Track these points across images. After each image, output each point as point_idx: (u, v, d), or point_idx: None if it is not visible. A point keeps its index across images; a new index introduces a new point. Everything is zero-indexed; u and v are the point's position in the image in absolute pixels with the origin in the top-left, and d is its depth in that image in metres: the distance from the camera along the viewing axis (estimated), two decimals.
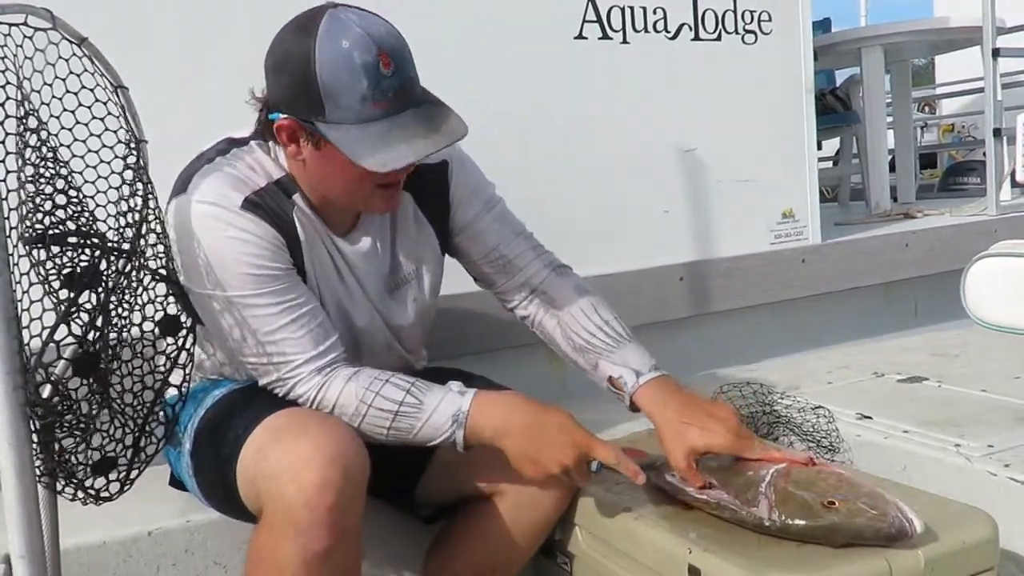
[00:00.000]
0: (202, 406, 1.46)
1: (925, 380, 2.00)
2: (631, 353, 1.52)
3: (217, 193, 1.34)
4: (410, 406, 1.36)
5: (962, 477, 1.49)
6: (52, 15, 1.12)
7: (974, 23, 3.69)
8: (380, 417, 1.36)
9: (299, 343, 1.37)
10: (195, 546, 1.53)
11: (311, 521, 1.21)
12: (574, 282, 1.62)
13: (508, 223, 1.62)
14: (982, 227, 3.37)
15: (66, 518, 1.22)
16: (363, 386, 1.37)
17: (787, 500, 1.26)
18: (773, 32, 2.80)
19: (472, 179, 1.60)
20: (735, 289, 2.70)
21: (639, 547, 1.37)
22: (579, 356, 1.57)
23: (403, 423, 1.36)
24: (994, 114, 3.52)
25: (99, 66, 1.18)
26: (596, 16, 2.47)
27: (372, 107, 1.26)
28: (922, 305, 3.20)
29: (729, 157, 2.74)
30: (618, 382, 1.49)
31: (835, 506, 1.22)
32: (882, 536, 1.18)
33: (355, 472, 1.27)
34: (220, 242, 1.33)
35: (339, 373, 1.38)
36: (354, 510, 1.28)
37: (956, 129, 7.92)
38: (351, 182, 1.35)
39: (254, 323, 1.35)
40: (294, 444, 1.26)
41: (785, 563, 1.18)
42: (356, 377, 1.38)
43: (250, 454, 1.31)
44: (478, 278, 1.66)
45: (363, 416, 1.36)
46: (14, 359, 1.04)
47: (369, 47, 1.24)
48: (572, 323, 1.57)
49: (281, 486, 1.23)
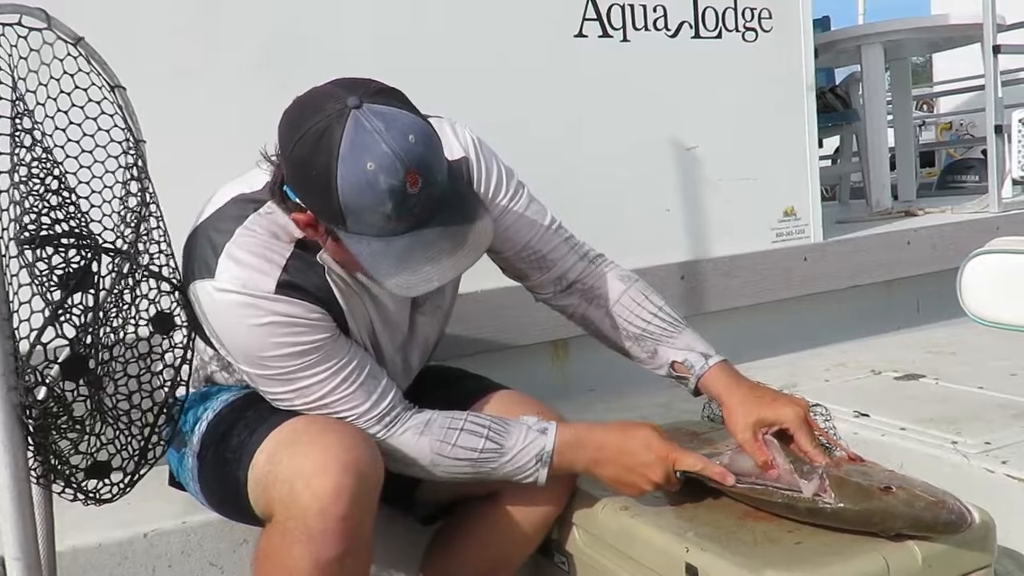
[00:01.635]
0: (210, 408, 1.44)
1: (922, 377, 2.00)
2: (692, 338, 1.53)
3: (246, 282, 1.28)
4: (490, 452, 1.38)
5: (959, 474, 1.49)
6: (47, 15, 1.12)
7: (974, 20, 3.68)
8: (459, 466, 1.39)
9: (351, 399, 1.35)
10: (191, 547, 1.53)
11: (324, 529, 1.21)
12: (615, 272, 1.59)
13: (536, 214, 1.56)
14: (984, 224, 3.36)
15: (62, 520, 1.22)
16: (437, 439, 1.38)
17: (843, 485, 1.24)
18: (774, 29, 2.79)
19: (494, 173, 1.52)
20: (736, 288, 2.70)
21: (637, 546, 1.37)
22: (633, 344, 1.55)
23: (483, 468, 1.39)
24: (995, 111, 3.52)
25: (95, 66, 1.18)
26: (596, 14, 2.47)
27: (396, 223, 1.19)
28: (924, 303, 3.20)
29: (730, 155, 2.74)
30: (683, 366, 1.50)
31: (893, 491, 1.21)
32: (941, 522, 1.17)
33: (369, 481, 1.27)
34: (255, 329, 1.29)
35: (405, 423, 1.38)
36: (367, 518, 1.27)
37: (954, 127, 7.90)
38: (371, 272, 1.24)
39: (304, 392, 1.34)
40: (309, 450, 1.26)
41: (782, 560, 1.18)
42: (428, 430, 1.38)
43: (263, 459, 1.31)
44: (511, 273, 1.61)
45: (440, 467, 1.39)
46: (8, 361, 1.04)
47: (395, 170, 1.15)
48: (624, 312, 1.55)
49: (295, 492, 1.23)
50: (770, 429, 1.39)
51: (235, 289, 1.27)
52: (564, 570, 1.56)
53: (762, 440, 1.37)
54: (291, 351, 1.31)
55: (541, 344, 2.34)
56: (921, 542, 1.19)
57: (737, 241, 2.76)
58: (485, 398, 1.55)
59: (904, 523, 1.19)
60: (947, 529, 1.17)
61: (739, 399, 1.43)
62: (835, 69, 5.01)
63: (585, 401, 2.18)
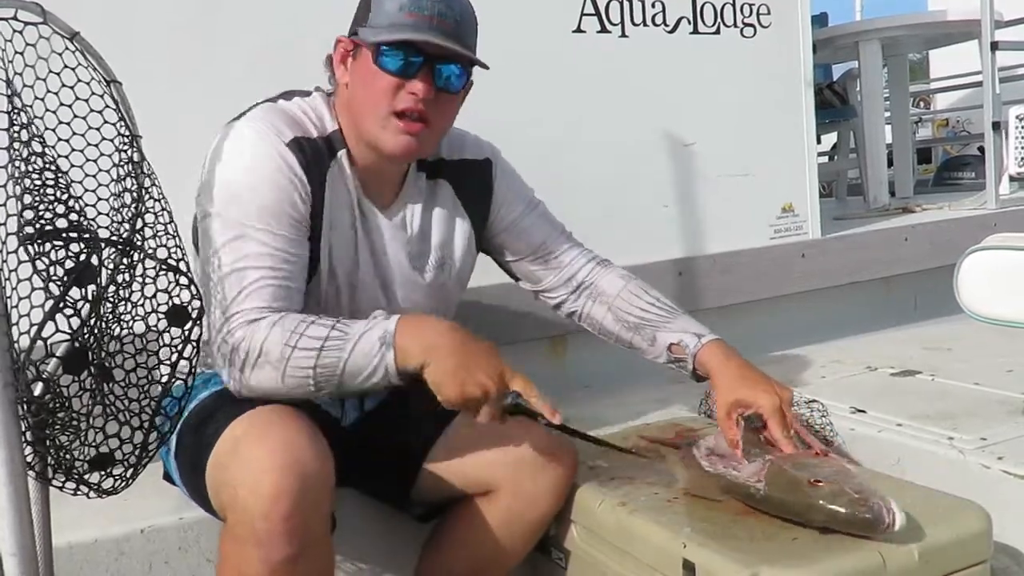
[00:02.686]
0: (189, 406, 1.44)
1: (918, 374, 2.00)
2: (688, 321, 1.60)
3: (271, 121, 1.40)
4: (335, 339, 1.31)
5: (955, 470, 1.49)
6: (43, 9, 1.12)
7: (972, 16, 3.69)
8: (305, 357, 1.30)
9: (258, 293, 1.34)
10: (188, 543, 1.53)
11: (269, 531, 1.20)
12: (618, 271, 1.69)
13: (551, 221, 1.70)
14: (982, 221, 3.36)
15: (59, 516, 1.22)
16: (288, 329, 1.31)
17: (778, 474, 1.28)
18: (772, 25, 2.79)
19: (515, 181, 1.68)
20: (734, 284, 2.70)
21: (634, 542, 1.37)
22: (634, 334, 1.62)
23: (329, 357, 1.31)
24: (993, 108, 3.52)
25: (91, 60, 1.18)
26: (595, 9, 2.47)
27: (406, 16, 1.35)
28: (922, 299, 3.20)
29: (728, 151, 2.74)
30: (679, 346, 1.56)
31: (820, 485, 1.22)
32: (857, 521, 1.17)
33: (313, 479, 1.24)
34: (256, 162, 1.37)
35: (267, 317, 1.33)
36: (315, 517, 1.25)
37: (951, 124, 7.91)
38: (373, 93, 1.39)
39: (236, 247, 1.34)
40: (250, 453, 1.25)
41: (779, 556, 1.18)
42: (283, 320, 1.33)
43: (213, 463, 1.31)
44: (522, 276, 1.70)
45: (287, 360, 1.30)
46: (4, 356, 1.04)
47: None
48: (623, 305, 1.63)
49: (240, 497, 1.22)
50: (746, 411, 1.45)
51: (257, 121, 1.40)
52: (561, 567, 1.56)
53: (735, 421, 1.43)
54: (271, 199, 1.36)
55: (538, 340, 2.34)
56: (919, 537, 1.19)
57: (735, 237, 2.76)
58: None
59: (823, 517, 1.20)
60: (863, 528, 1.17)
61: (727, 378, 1.50)
62: (832, 65, 5.01)
63: (582, 396, 2.19)
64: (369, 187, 1.50)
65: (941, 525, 1.23)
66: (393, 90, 1.38)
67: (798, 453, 1.35)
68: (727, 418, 1.45)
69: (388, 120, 1.40)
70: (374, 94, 1.39)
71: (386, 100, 1.38)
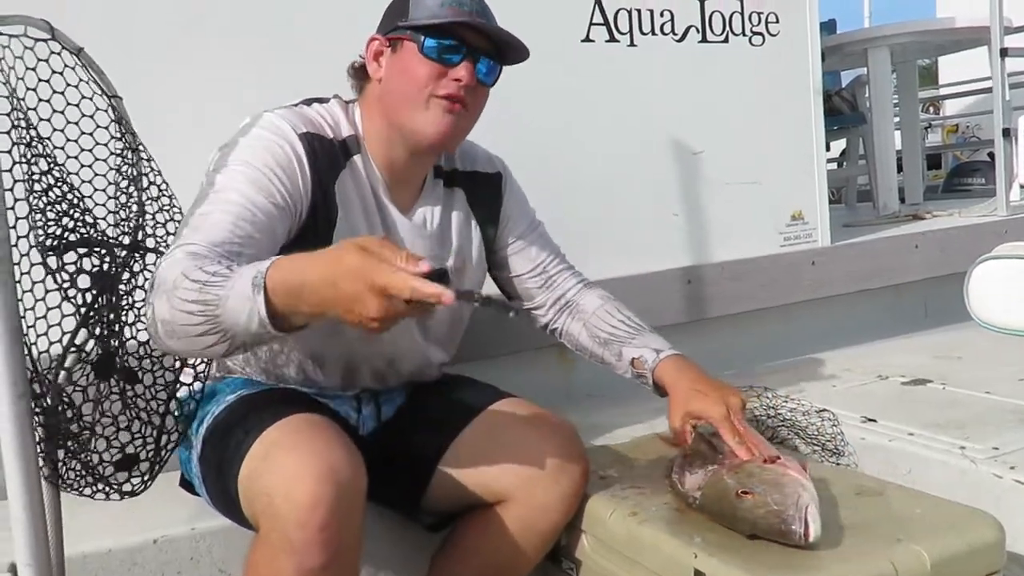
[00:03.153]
0: (213, 410, 1.46)
1: (929, 382, 1.99)
2: (651, 338, 1.66)
3: (287, 114, 1.43)
4: (221, 276, 1.16)
5: (967, 480, 1.48)
6: (51, 26, 1.13)
7: (981, 23, 3.68)
8: (190, 289, 1.15)
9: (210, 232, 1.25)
10: (200, 554, 1.53)
11: (304, 540, 1.21)
12: (598, 291, 1.75)
13: (551, 244, 1.77)
14: (992, 228, 3.35)
15: (72, 526, 1.23)
16: (192, 262, 1.19)
17: (715, 484, 1.32)
18: (781, 34, 2.79)
19: (522, 199, 1.75)
20: (744, 292, 2.70)
21: (645, 552, 1.37)
22: (604, 350, 1.67)
23: (209, 293, 1.14)
24: (1003, 114, 3.51)
25: (94, 75, 1.19)
26: (603, 19, 2.47)
27: (447, 11, 1.41)
28: (932, 307, 3.19)
29: (737, 159, 2.74)
30: (639, 361, 1.61)
31: (747, 496, 1.25)
32: (774, 531, 1.21)
33: (348, 488, 1.25)
34: (263, 139, 1.38)
35: (187, 248, 1.23)
36: (349, 526, 1.26)
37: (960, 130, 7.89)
38: (414, 79, 1.43)
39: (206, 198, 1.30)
40: (285, 461, 1.25)
41: (789, 566, 1.18)
42: (197, 255, 1.21)
43: (246, 471, 1.31)
44: (518, 295, 1.75)
45: (177, 287, 1.16)
46: (19, 368, 1.05)
47: None
48: (597, 322, 1.70)
49: (274, 505, 1.22)
50: (698, 422, 1.50)
51: (273, 112, 1.43)
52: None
53: (688, 431, 1.50)
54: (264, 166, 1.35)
55: (547, 348, 2.34)
56: (931, 547, 1.19)
57: (744, 245, 2.75)
58: (502, 404, 1.58)
59: (747, 527, 1.24)
60: (782, 537, 1.21)
61: (680, 391, 1.55)
62: (841, 72, 5.01)
63: (589, 405, 2.19)
64: (390, 188, 1.52)
65: (953, 535, 1.22)
66: (437, 76, 1.42)
67: (747, 461, 1.36)
68: (680, 428, 1.52)
69: (430, 101, 1.43)
70: (416, 80, 1.43)
71: (430, 85, 1.43)
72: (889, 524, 1.27)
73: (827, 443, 1.69)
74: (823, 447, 1.69)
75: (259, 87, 1.93)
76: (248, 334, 1.15)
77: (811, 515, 1.19)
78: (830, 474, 1.49)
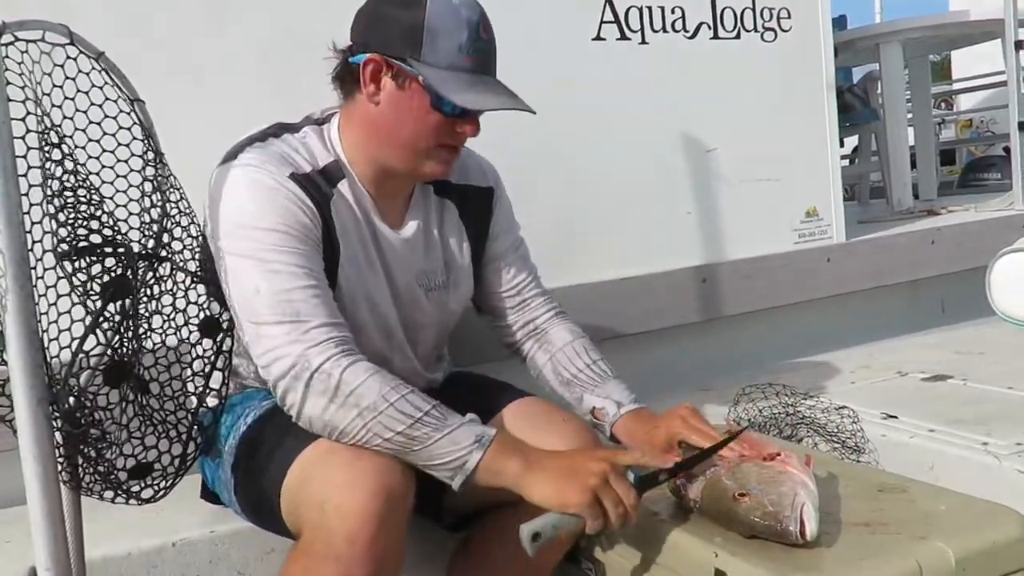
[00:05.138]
0: (244, 419, 1.45)
1: (949, 378, 1.98)
2: (614, 388, 1.62)
3: (264, 162, 1.37)
4: (433, 418, 1.29)
5: (990, 476, 1.47)
6: (69, 30, 1.13)
7: (994, 16, 3.65)
8: (397, 420, 1.27)
9: (314, 308, 1.32)
10: (219, 557, 1.53)
11: (352, 554, 1.20)
12: (569, 326, 1.71)
13: (530, 265, 1.73)
14: (1009, 222, 3.33)
15: (91, 530, 1.23)
16: (389, 385, 1.30)
17: (714, 486, 1.31)
18: (793, 29, 2.78)
19: (510, 214, 1.72)
20: (759, 290, 2.69)
21: (664, 552, 1.36)
22: (565, 389, 1.66)
23: (420, 431, 1.28)
24: (1018, 107, 3.49)
25: (115, 80, 1.19)
26: (614, 17, 2.47)
27: (464, 59, 1.36)
28: (949, 302, 3.17)
29: (751, 156, 2.73)
30: (600, 412, 1.60)
31: (744, 498, 1.25)
32: (770, 532, 1.21)
33: (398, 505, 1.25)
34: (258, 197, 1.34)
35: (364, 362, 1.32)
36: (396, 541, 1.26)
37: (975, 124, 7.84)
38: (421, 129, 1.40)
39: (272, 279, 1.31)
40: (339, 473, 1.25)
41: (812, 566, 1.17)
42: (382, 373, 1.31)
43: (294, 478, 1.30)
44: (488, 311, 1.73)
45: (379, 412, 1.27)
46: (37, 371, 1.05)
47: (476, 8, 1.38)
48: (563, 360, 1.66)
49: (324, 515, 1.22)
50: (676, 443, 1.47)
51: (251, 164, 1.37)
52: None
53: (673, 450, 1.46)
54: (282, 223, 1.34)
55: None
56: (955, 544, 1.17)
57: (759, 243, 2.74)
58: (519, 404, 1.58)
59: (745, 529, 1.24)
60: (778, 537, 1.21)
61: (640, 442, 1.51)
62: (852, 68, 4.99)
63: None
64: (379, 204, 1.50)
65: (977, 532, 1.21)
66: (445, 128, 1.40)
67: (745, 458, 1.35)
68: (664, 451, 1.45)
69: (431, 151, 1.42)
70: (423, 129, 1.40)
71: (436, 136, 1.41)
72: (913, 521, 1.26)
73: (847, 440, 1.68)
74: (843, 444, 1.68)
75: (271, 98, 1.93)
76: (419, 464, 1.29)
77: (807, 514, 1.19)
78: (851, 471, 1.48)
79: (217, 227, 1.35)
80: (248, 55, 1.97)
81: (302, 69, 1.71)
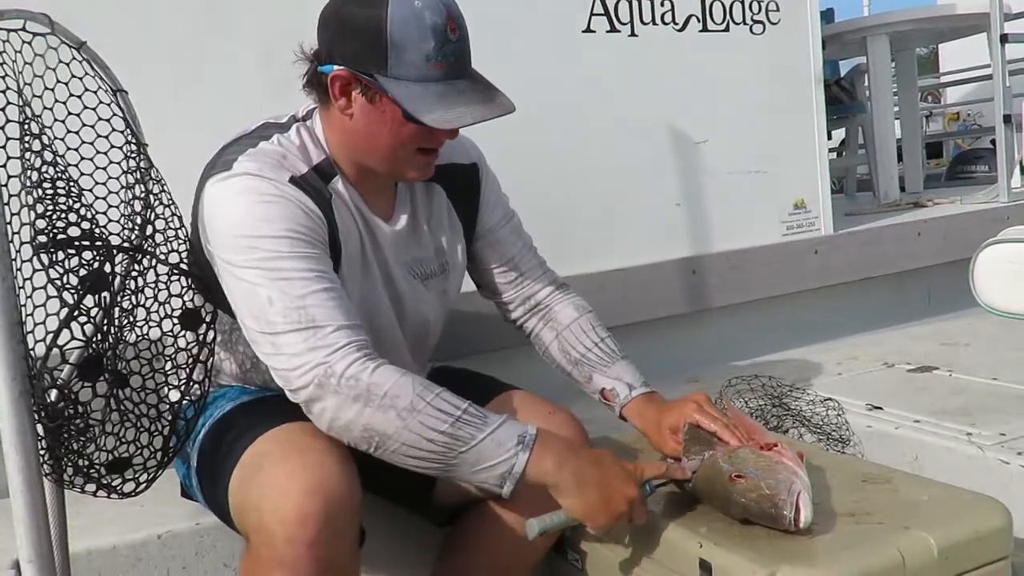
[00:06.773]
0: (208, 421, 1.43)
1: (935, 370, 1.99)
2: (624, 369, 1.60)
3: (261, 169, 1.32)
4: (472, 416, 1.26)
5: (974, 466, 1.48)
6: (50, 20, 1.12)
7: (981, 10, 3.67)
8: (438, 419, 1.24)
9: (331, 312, 1.27)
10: (205, 549, 1.53)
11: (294, 556, 1.18)
12: (574, 301, 1.68)
13: (523, 236, 1.69)
14: (994, 214, 3.35)
15: (77, 523, 1.23)
16: (421, 384, 1.27)
17: (710, 467, 1.32)
18: (781, 22, 2.78)
19: (497, 187, 1.67)
20: (747, 281, 2.69)
21: (650, 542, 1.36)
22: (573, 368, 1.63)
23: (463, 431, 1.24)
24: (1003, 100, 3.50)
25: (97, 70, 1.18)
26: (604, 9, 2.47)
27: (433, 67, 1.29)
28: (935, 294, 3.18)
29: (739, 148, 2.74)
30: (610, 393, 1.58)
31: (740, 480, 1.26)
32: (765, 516, 1.22)
33: (339, 502, 1.21)
34: (261, 205, 1.30)
35: (388, 364, 1.28)
36: (341, 541, 1.23)
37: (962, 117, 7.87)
38: (396, 141, 1.36)
39: (284, 287, 1.27)
40: (273, 474, 1.23)
41: (796, 555, 1.17)
42: (409, 373, 1.28)
43: (236, 484, 1.29)
44: (485, 286, 1.70)
45: (418, 411, 1.24)
46: (19, 364, 1.04)
47: (440, 10, 1.29)
48: (570, 337, 1.63)
49: (263, 519, 1.20)
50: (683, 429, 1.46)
51: (249, 173, 1.32)
52: (578, 567, 1.55)
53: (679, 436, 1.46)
54: (288, 229, 1.29)
55: None
56: (938, 534, 1.18)
57: (747, 235, 2.75)
58: (505, 397, 1.57)
59: (739, 511, 1.25)
60: (772, 522, 1.22)
61: (651, 423, 1.53)
62: (839, 61, 4.99)
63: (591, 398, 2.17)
64: (367, 199, 1.47)
65: (960, 522, 1.22)
66: (422, 136, 1.36)
67: (742, 446, 1.35)
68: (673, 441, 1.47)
69: (411, 156, 1.39)
70: (399, 140, 1.36)
71: (413, 144, 1.37)
72: (896, 511, 1.26)
73: (832, 432, 1.69)
74: (828, 436, 1.69)
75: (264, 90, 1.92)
76: (464, 473, 1.27)
77: (803, 501, 1.19)
78: (836, 462, 1.48)
79: (220, 240, 1.30)
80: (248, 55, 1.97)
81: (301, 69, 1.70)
